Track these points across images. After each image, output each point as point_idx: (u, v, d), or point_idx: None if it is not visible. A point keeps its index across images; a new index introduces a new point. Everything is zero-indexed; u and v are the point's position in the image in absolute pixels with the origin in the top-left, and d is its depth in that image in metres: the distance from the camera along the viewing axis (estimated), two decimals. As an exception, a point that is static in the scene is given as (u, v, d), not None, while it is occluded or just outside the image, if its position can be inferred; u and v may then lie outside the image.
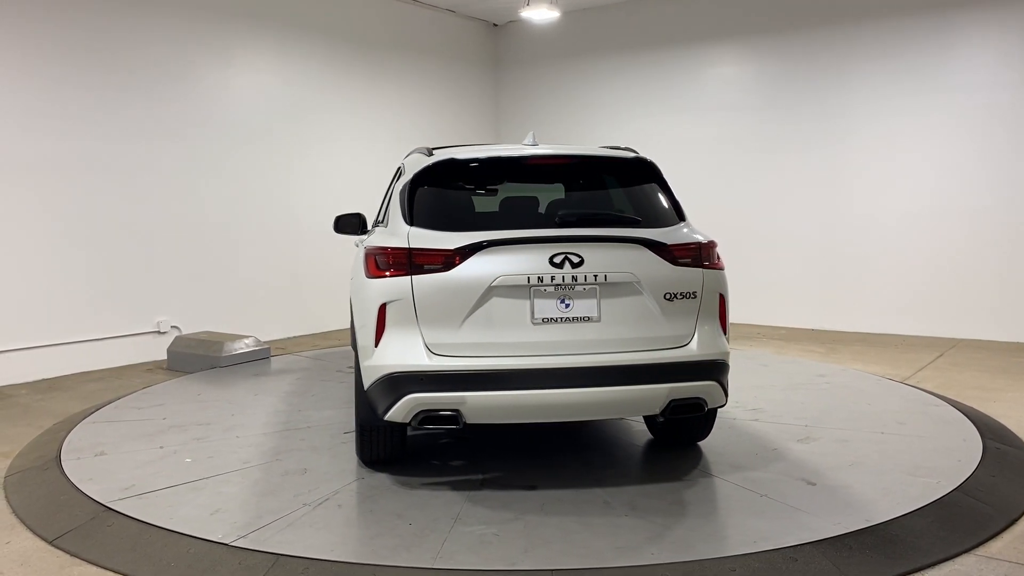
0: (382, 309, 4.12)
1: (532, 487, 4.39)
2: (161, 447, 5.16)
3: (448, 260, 4.09)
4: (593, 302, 4.13)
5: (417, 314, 4.07)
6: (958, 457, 4.73)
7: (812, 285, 10.06)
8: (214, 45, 8.81)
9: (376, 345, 4.14)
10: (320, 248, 9.45)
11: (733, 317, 10.61)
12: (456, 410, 4.03)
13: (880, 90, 9.47)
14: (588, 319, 4.12)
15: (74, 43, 7.60)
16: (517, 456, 4.97)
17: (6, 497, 4.44)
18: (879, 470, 4.56)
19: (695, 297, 4.26)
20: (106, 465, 4.81)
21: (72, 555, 3.70)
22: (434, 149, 4.92)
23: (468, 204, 4.68)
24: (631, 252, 4.21)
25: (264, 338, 8.41)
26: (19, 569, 3.58)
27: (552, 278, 4.07)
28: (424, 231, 4.26)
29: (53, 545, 3.81)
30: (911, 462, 4.67)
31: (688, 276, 4.26)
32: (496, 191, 4.79)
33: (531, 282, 4.07)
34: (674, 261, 4.24)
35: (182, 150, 8.52)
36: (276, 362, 7.91)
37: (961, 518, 3.93)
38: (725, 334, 4.41)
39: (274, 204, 9.46)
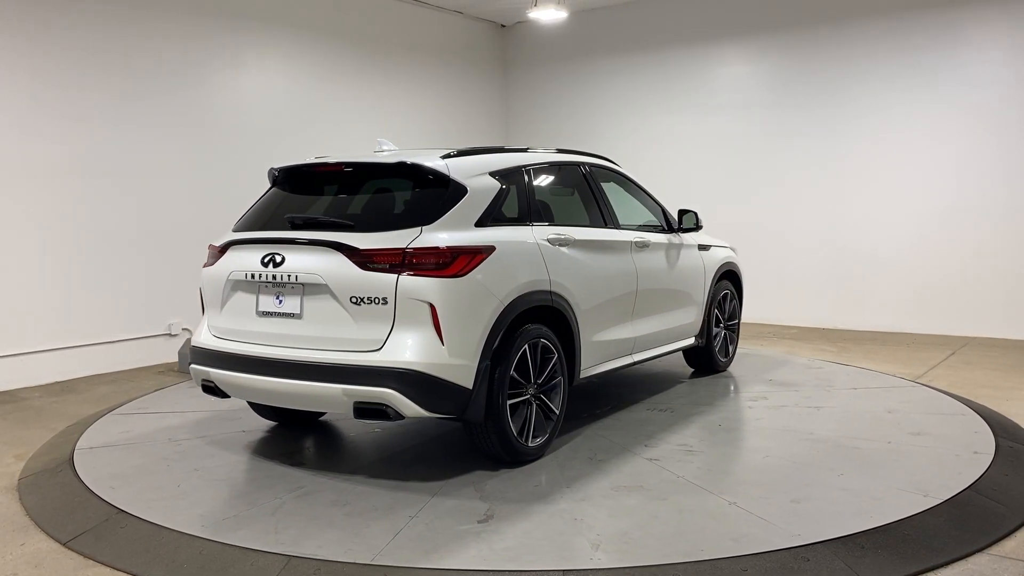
0: (200, 293, 4.96)
1: (311, 468, 4.77)
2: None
3: (214, 256, 4.87)
4: (298, 300, 4.44)
5: (204, 300, 4.92)
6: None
7: (823, 283, 10.03)
8: (223, 48, 8.85)
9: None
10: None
11: (743, 316, 10.52)
12: (213, 382, 4.74)
13: (891, 87, 9.43)
14: (293, 315, 4.45)
15: (84, 47, 7.64)
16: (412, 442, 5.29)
17: (20, 499, 4.47)
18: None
19: (387, 303, 4.17)
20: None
21: (86, 557, 3.73)
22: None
23: (266, 208, 5.00)
24: (323, 255, 4.34)
25: (275, 340, 8.43)
26: (34, 571, 3.61)
27: (259, 275, 4.54)
28: (232, 232, 4.94)
29: (67, 547, 3.84)
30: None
31: (378, 281, 4.18)
32: (301, 197, 5.04)
33: (248, 278, 4.60)
34: (363, 266, 4.22)
35: (192, 153, 8.56)
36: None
37: (974, 517, 3.92)
38: (445, 345, 4.17)
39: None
